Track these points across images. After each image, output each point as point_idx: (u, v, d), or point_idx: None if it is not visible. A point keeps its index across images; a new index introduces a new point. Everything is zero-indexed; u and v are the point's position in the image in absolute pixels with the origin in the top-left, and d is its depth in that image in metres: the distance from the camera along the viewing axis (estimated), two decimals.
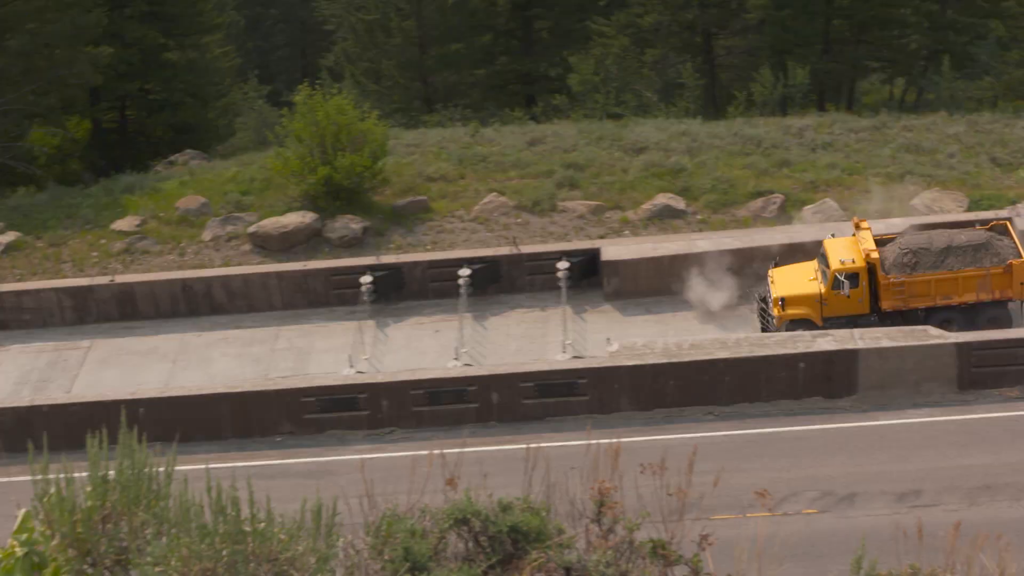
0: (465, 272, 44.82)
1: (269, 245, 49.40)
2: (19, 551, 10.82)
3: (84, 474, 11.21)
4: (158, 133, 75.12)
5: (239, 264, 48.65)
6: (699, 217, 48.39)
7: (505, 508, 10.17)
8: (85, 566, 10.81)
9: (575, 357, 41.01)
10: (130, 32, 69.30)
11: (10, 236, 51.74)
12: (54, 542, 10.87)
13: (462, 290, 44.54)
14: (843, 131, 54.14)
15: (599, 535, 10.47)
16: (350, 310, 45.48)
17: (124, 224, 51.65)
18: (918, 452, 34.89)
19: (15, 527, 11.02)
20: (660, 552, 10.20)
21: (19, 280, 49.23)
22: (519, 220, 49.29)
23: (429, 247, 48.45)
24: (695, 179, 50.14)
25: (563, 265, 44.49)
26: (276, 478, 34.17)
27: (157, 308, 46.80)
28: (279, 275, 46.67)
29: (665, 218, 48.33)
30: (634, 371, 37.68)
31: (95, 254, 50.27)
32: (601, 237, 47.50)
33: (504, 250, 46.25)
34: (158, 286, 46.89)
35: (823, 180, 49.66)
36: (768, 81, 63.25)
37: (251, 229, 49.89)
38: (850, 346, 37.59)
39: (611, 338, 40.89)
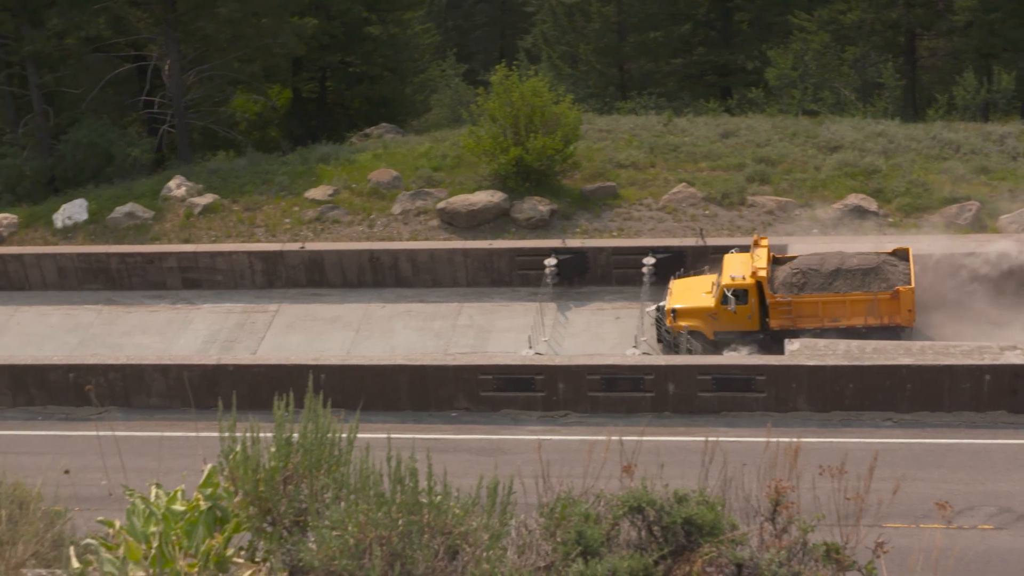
0: (650, 260, 44.70)
1: (457, 222, 49.88)
2: (203, 505, 11.14)
3: (267, 434, 11.46)
4: (355, 105, 76.39)
5: (426, 239, 49.25)
6: (890, 220, 47.51)
7: (680, 499, 10.16)
8: (265, 524, 11.04)
9: (754, 353, 40.70)
10: (335, 5, 70.56)
11: (208, 198, 53.09)
12: (237, 499, 11.12)
13: (645, 278, 44.45)
14: None
15: (773, 534, 10.40)
16: (532, 291, 45.74)
17: (317, 193, 52.63)
18: None
19: (201, 481, 11.35)
20: (834, 556, 10.10)
21: (214, 241, 50.54)
22: (707, 212, 49.00)
23: (615, 233, 48.44)
24: (889, 181, 49.26)
25: None
26: (449, 452, 34.55)
27: (344, 277, 47.66)
28: (465, 252, 47.13)
29: (855, 219, 47.55)
30: (813, 371, 37.20)
31: (287, 220, 51.31)
32: (789, 234, 46.97)
33: (690, 241, 46.05)
34: (346, 255, 47.71)
35: (1023, 189, 48.38)
36: (971, 85, 61.78)
37: (440, 205, 50.43)
38: None
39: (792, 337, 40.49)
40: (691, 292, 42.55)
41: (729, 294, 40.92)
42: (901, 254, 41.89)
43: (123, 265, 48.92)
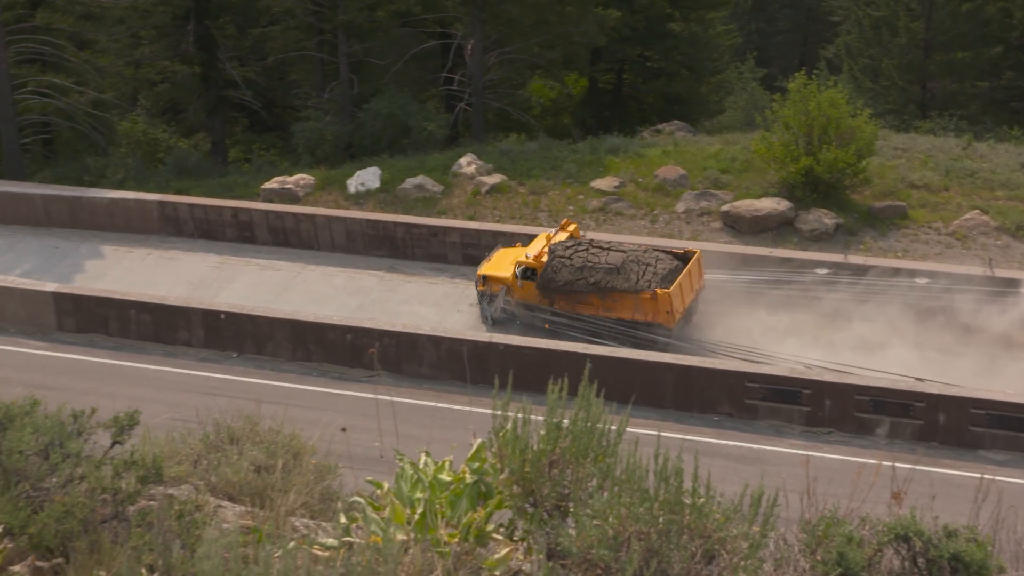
0: (924, 283, 43.61)
1: (739, 226, 49.54)
2: (469, 478, 11.37)
3: (534, 417, 11.60)
4: (650, 100, 76.58)
5: (706, 240, 49.00)
6: None
7: (950, 534, 9.94)
8: (527, 505, 11.18)
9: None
10: None
11: (496, 178, 53.97)
12: (502, 476, 11.27)
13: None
14: None
15: None
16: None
17: (603, 183, 52.94)
18: None
19: (469, 455, 11.59)
20: None
21: (497, 221, 51.35)
22: (999, 242, 47.48)
23: (899, 254, 47.36)
24: None
25: None
26: (709, 456, 34.17)
27: None
28: (743, 257, 46.70)
29: None
30: None
31: (571, 208, 51.75)
32: None
33: (977, 270, 44.63)
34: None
35: None
36: None
37: (724, 208, 50.15)
38: None
39: None
40: (503, 261, 44.99)
41: (518, 270, 43.54)
42: (688, 255, 43.35)
43: (408, 235, 50.09)
